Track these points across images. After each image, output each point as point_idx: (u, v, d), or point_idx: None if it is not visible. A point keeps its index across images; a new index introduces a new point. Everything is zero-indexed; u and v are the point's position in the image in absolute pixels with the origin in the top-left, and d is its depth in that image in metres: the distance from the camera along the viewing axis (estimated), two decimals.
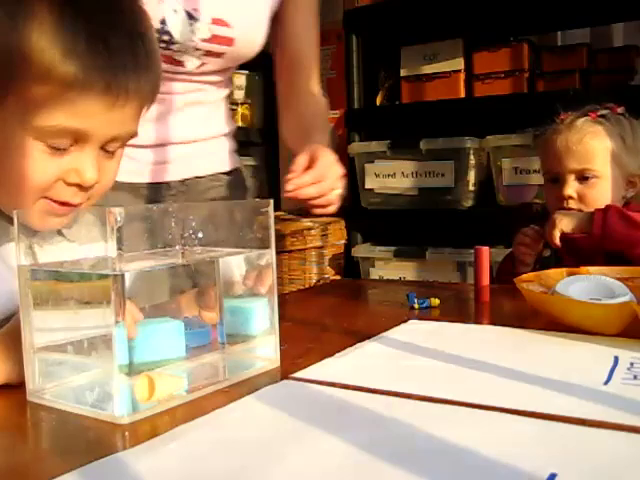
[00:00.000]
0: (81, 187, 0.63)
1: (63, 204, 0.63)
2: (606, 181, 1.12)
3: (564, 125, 1.14)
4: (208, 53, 0.94)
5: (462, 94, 2.12)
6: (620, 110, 1.16)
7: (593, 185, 1.12)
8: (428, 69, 2.15)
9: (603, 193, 1.12)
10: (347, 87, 2.16)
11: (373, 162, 2.09)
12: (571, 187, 1.12)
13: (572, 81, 2.00)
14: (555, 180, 1.15)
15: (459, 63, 2.11)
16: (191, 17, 0.91)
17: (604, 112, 1.14)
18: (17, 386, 0.50)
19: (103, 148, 0.64)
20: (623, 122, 1.15)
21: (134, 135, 0.68)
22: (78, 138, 0.61)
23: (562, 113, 1.17)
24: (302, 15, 1.04)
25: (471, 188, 1.98)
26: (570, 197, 1.12)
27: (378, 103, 2.27)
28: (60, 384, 0.50)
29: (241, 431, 0.43)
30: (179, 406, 0.48)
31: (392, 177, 2.07)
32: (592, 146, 1.11)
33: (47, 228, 0.63)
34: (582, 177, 1.12)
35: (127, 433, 0.43)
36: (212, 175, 1.04)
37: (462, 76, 2.12)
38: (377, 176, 2.09)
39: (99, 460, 0.38)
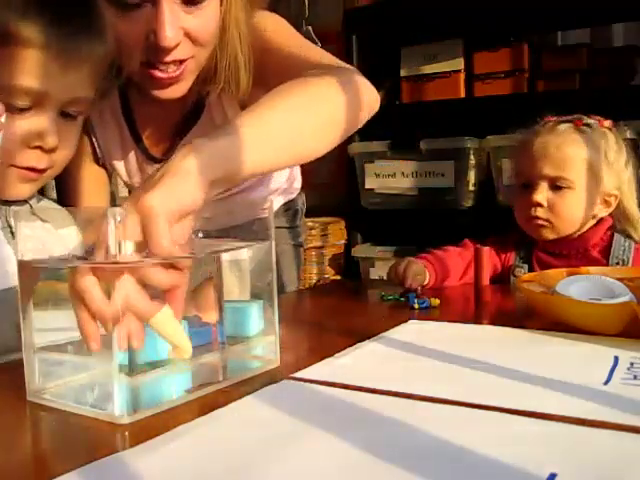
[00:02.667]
0: (43, 150, 0.68)
1: (30, 169, 0.69)
2: (580, 194, 1.04)
3: (545, 128, 1.07)
4: None
5: (462, 94, 2.12)
6: (607, 124, 1.08)
7: (565, 195, 1.04)
8: (428, 69, 2.15)
9: (574, 206, 1.04)
10: None
11: (373, 162, 2.09)
12: (542, 194, 1.04)
13: (572, 81, 2.00)
14: (527, 185, 1.07)
15: (459, 63, 2.11)
16: None
17: (590, 122, 1.07)
18: (17, 386, 0.50)
19: (63, 112, 0.70)
20: (608, 136, 1.07)
21: (91, 99, 0.73)
22: (37, 99, 0.66)
23: (547, 115, 1.11)
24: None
25: (471, 188, 1.98)
26: (539, 204, 1.04)
27: None
28: (60, 384, 0.50)
29: (241, 431, 0.43)
30: (179, 406, 0.48)
31: (392, 177, 2.07)
32: (570, 154, 1.04)
33: (20, 195, 0.72)
34: (555, 185, 1.04)
35: (127, 433, 0.43)
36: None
37: (462, 76, 2.12)
38: (377, 176, 2.09)
39: (99, 460, 0.38)
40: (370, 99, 0.84)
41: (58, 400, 0.49)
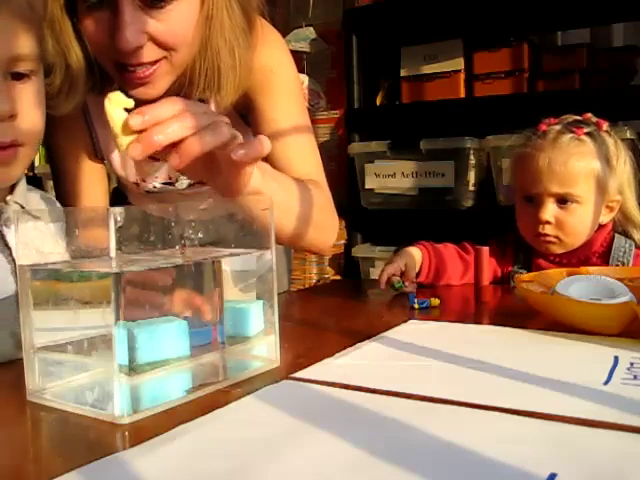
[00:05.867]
0: (0, 119, 0.63)
1: None
2: (587, 206, 1.02)
3: (547, 141, 1.04)
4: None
5: (462, 94, 2.12)
6: (605, 127, 1.06)
7: (573, 211, 1.02)
8: (428, 69, 2.15)
9: (582, 219, 1.03)
10: (347, 87, 2.16)
11: (373, 162, 2.09)
12: (549, 211, 1.02)
13: (572, 81, 2.00)
14: (531, 200, 1.05)
15: (459, 63, 2.11)
16: (169, 184, 0.97)
17: (590, 129, 1.04)
18: (17, 386, 0.50)
19: (12, 73, 0.65)
20: (608, 142, 1.04)
21: (38, 56, 0.69)
22: None
23: (543, 122, 1.08)
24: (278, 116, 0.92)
25: (471, 188, 1.98)
26: (547, 222, 1.02)
27: (378, 103, 2.27)
28: (60, 384, 0.50)
29: (241, 431, 0.43)
30: (179, 406, 0.48)
31: (392, 177, 2.06)
32: (577, 169, 1.01)
33: (5, 181, 0.68)
34: (562, 201, 1.02)
35: (127, 433, 0.43)
36: None
37: (462, 76, 2.12)
38: (377, 176, 2.09)
39: (99, 460, 0.38)
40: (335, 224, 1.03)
41: (58, 400, 0.49)
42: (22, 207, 0.74)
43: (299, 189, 0.85)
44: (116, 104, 0.58)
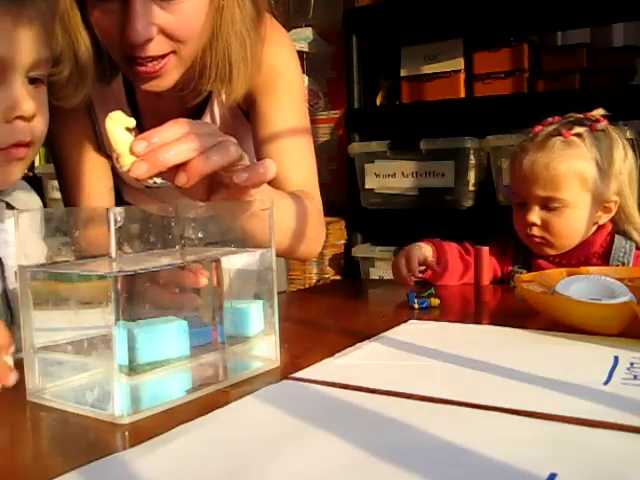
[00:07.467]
0: (24, 119, 0.66)
1: (17, 146, 0.66)
2: (575, 209, 1.02)
3: (533, 144, 1.03)
4: None
5: (462, 94, 2.12)
6: (601, 126, 1.04)
7: (560, 213, 1.02)
8: (428, 69, 2.15)
9: (570, 222, 1.02)
10: (347, 87, 2.16)
11: (373, 162, 2.09)
12: (535, 213, 1.03)
13: (572, 81, 2.00)
14: (522, 204, 1.06)
15: (459, 63, 2.11)
16: None
17: (580, 130, 1.02)
18: (17, 386, 0.50)
19: (29, 78, 0.67)
20: (601, 142, 1.02)
21: (50, 61, 0.71)
22: (1, 67, 0.64)
23: (543, 122, 1.07)
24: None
25: (471, 188, 1.98)
26: (534, 224, 1.03)
27: (378, 103, 2.27)
28: (60, 384, 0.50)
29: (241, 431, 0.43)
30: (179, 406, 0.48)
31: (392, 177, 2.07)
32: (560, 173, 1.00)
33: (11, 181, 0.69)
34: (547, 205, 1.03)
35: (127, 433, 0.43)
36: None
37: (462, 76, 2.12)
38: (377, 176, 2.09)
39: (99, 460, 0.38)
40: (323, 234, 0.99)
41: (58, 400, 0.49)
42: (11, 207, 0.74)
43: (296, 207, 0.85)
44: (117, 123, 0.57)
